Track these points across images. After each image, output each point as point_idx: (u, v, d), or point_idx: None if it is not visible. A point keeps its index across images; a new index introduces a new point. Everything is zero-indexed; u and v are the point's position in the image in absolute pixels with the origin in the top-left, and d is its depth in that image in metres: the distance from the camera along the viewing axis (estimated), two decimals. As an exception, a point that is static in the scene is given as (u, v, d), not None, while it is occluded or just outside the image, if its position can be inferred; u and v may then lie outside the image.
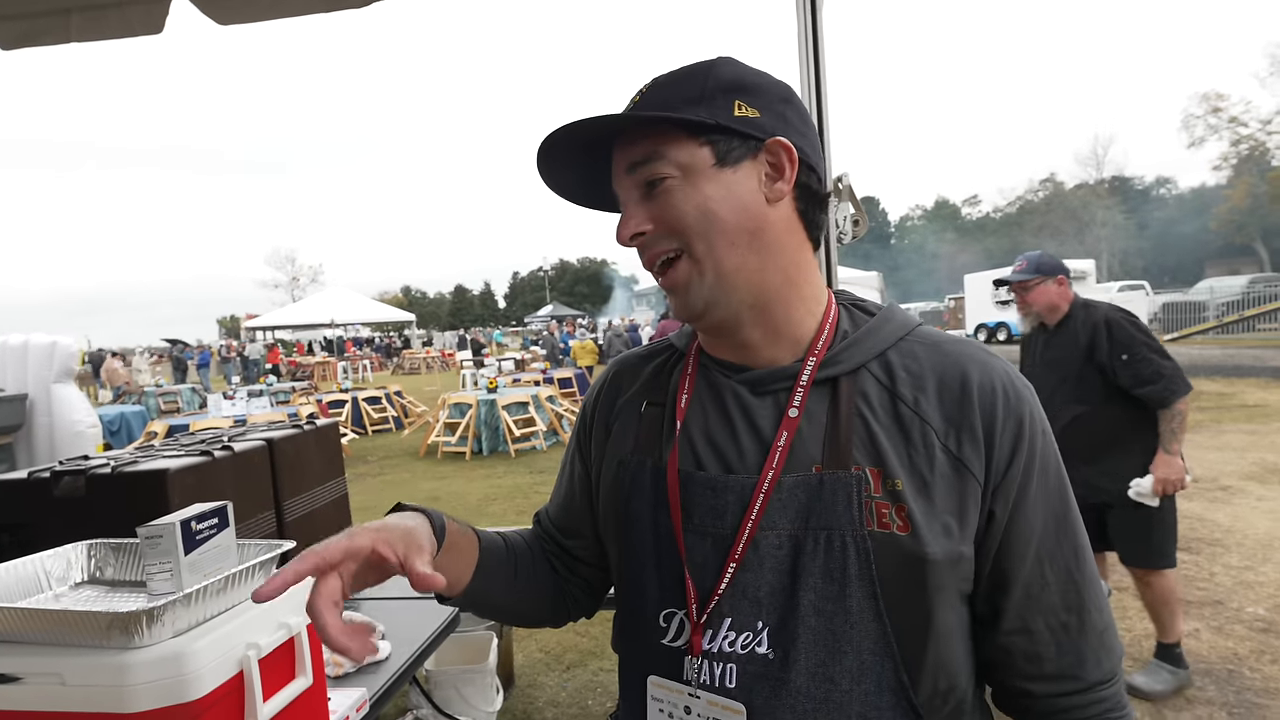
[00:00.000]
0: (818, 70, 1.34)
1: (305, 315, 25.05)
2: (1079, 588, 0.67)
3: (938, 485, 0.63)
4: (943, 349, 0.69)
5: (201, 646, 0.88)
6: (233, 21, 1.78)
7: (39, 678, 0.85)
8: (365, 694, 1.41)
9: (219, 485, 1.89)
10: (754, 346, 0.72)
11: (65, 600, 1.07)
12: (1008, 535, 0.65)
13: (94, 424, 3.91)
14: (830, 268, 1.32)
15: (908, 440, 0.65)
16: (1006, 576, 0.66)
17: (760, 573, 0.65)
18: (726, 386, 0.73)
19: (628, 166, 0.69)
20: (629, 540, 0.75)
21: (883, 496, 0.63)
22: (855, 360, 0.69)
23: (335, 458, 2.60)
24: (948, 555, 0.62)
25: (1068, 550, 0.67)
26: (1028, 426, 0.66)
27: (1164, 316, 20.87)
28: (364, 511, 6.11)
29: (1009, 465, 0.64)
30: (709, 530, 0.68)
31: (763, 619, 0.65)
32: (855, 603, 0.62)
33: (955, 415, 0.65)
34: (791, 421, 0.67)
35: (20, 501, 1.78)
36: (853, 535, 0.62)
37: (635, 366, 0.84)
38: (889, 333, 0.71)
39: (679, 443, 0.72)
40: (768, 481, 0.66)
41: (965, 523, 0.64)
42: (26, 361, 3.77)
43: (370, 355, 28.24)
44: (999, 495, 0.65)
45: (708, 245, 0.66)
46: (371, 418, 11.32)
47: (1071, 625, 0.66)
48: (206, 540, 0.97)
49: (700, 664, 0.67)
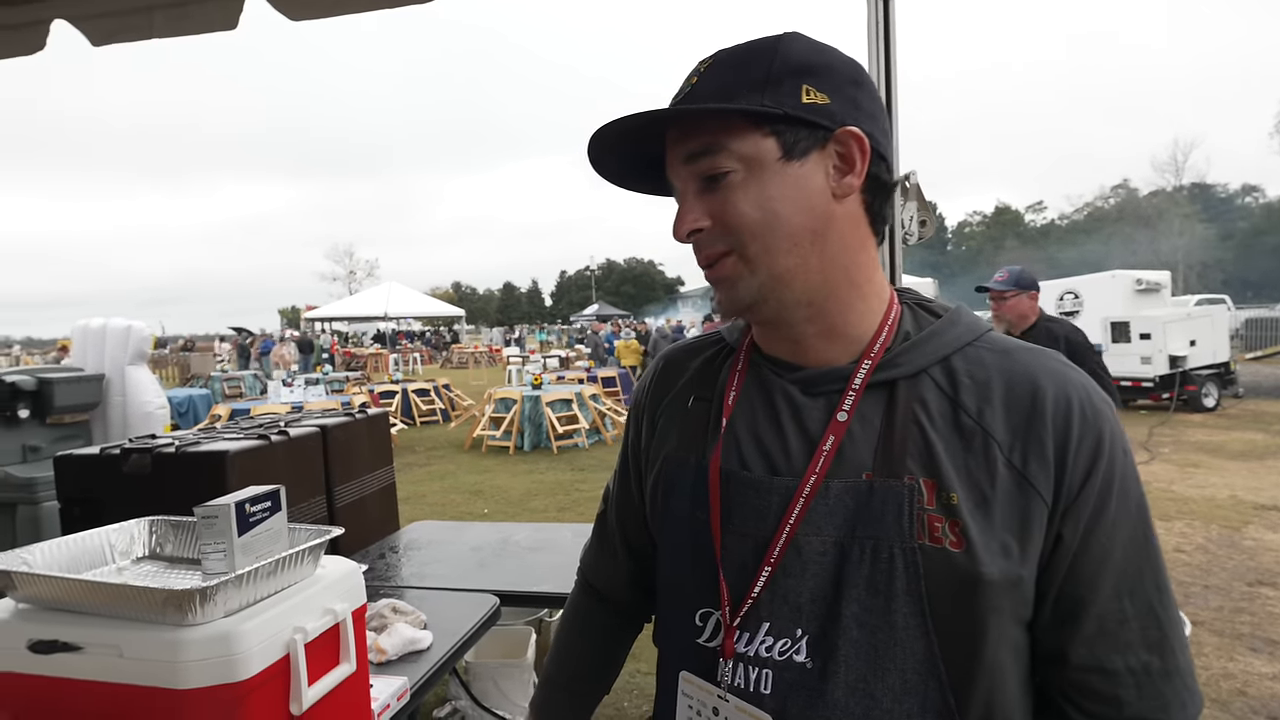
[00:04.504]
0: (888, 62, 1.29)
1: (361, 308, 25.84)
2: (1162, 624, 0.60)
3: (998, 502, 0.59)
4: (1014, 357, 0.64)
5: (251, 628, 0.89)
6: (303, 17, 1.83)
7: (98, 648, 0.88)
8: (406, 683, 1.42)
9: (274, 468, 1.95)
10: (808, 344, 0.68)
11: (127, 574, 1.10)
12: (1080, 561, 0.60)
13: (163, 405, 4.10)
14: (895, 268, 1.26)
15: (968, 452, 0.61)
16: (1078, 607, 0.60)
17: (802, 579, 0.62)
18: (777, 385, 0.69)
19: (685, 156, 0.65)
20: (667, 537, 0.74)
21: (936, 510, 0.59)
22: (916, 364, 0.64)
23: (385, 447, 2.65)
24: (1005, 576, 0.58)
25: (1149, 582, 0.61)
26: (1106, 445, 0.60)
27: (1246, 333, 19.63)
28: (411, 501, 6.25)
29: (1083, 486, 0.59)
30: (749, 531, 0.66)
31: (802, 626, 0.62)
32: (901, 618, 0.59)
33: (1023, 429, 0.60)
34: (840, 425, 0.64)
35: (92, 476, 1.87)
36: (901, 547, 0.59)
37: (683, 359, 0.82)
38: (955, 336, 0.66)
39: (724, 440, 0.70)
40: (810, 485, 0.63)
41: (1027, 544, 0.59)
42: (104, 344, 3.97)
43: (420, 348, 28.95)
44: (1069, 518, 0.59)
45: (763, 247, 0.63)
46: (420, 409, 11.58)
47: (1154, 666, 0.60)
48: (260, 523, 0.98)
49: (734, 667, 0.64)
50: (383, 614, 1.61)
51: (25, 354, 32.91)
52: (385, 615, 1.61)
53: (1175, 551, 4.56)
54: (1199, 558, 4.44)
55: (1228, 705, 2.81)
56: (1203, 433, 8.68)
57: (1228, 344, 11.31)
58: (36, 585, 0.93)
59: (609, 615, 0.93)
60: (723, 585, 0.66)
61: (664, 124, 0.66)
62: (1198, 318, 11.09)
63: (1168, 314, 11.21)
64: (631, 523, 0.87)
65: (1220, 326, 11.19)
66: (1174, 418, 9.72)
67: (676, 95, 0.66)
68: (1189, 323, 10.78)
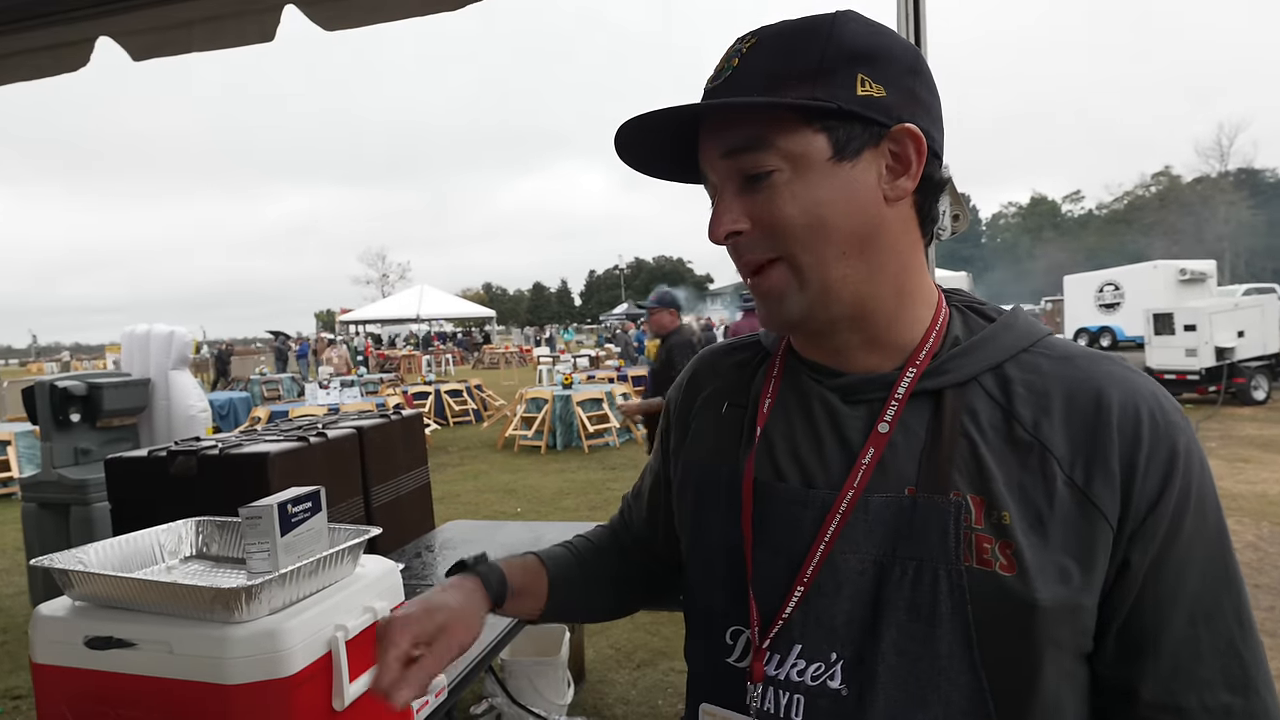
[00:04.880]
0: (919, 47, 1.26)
1: (394, 310, 26.28)
2: (1244, 661, 0.55)
3: (1055, 522, 0.54)
4: (1075, 363, 0.59)
5: (294, 625, 0.92)
6: (337, 27, 1.87)
7: (151, 645, 0.91)
8: (444, 680, 1.45)
9: (313, 469, 1.99)
10: (850, 352, 0.64)
11: (176, 573, 1.14)
12: (1150, 589, 0.55)
13: (205, 408, 4.22)
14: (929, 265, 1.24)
15: (1023, 468, 0.56)
16: (1147, 640, 0.55)
17: (837, 599, 0.58)
18: (815, 392, 0.65)
19: (725, 150, 0.59)
20: (697, 550, 0.71)
21: (985, 529, 0.55)
22: (966, 372, 0.60)
23: (419, 447, 2.69)
24: (1061, 603, 0.53)
25: (1230, 613, 0.55)
26: (1182, 460, 0.55)
27: (1297, 323, 18.91)
28: (445, 501, 6.34)
29: (1154, 506, 0.54)
30: (782, 547, 0.62)
31: (837, 650, 0.58)
32: (945, 646, 0.54)
33: (1085, 442, 0.55)
34: (881, 437, 0.60)
35: (141, 478, 1.94)
36: (946, 569, 0.54)
37: (717, 363, 0.78)
38: (1009, 342, 0.61)
39: (758, 450, 0.66)
40: (847, 500, 0.59)
41: (1090, 569, 0.54)
42: (149, 349, 4.11)
43: (452, 350, 29.32)
44: (1138, 540, 0.54)
45: (814, 257, 0.58)
46: (453, 410, 11.73)
47: (1235, 708, 0.54)
48: (301, 523, 1.01)
49: (764, 691, 0.60)
50: (419, 612, 1.64)
51: (75, 359, 34.16)
52: (422, 613, 1.64)
53: (1225, 550, 4.40)
54: (1250, 556, 4.28)
55: (1284, 710, 2.71)
56: (1253, 426, 8.36)
57: (1278, 334, 10.88)
58: (93, 584, 0.97)
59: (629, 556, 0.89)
60: (752, 603, 0.62)
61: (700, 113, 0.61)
62: (1246, 308, 10.70)
63: (1213, 304, 10.84)
64: (648, 526, 0.86)
65: (1270, 316, 10.76)
66: (1222, 411, 9.39)
67: (713, 78, 0.61)
68: (1236, 313, 10.39)
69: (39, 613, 0.97)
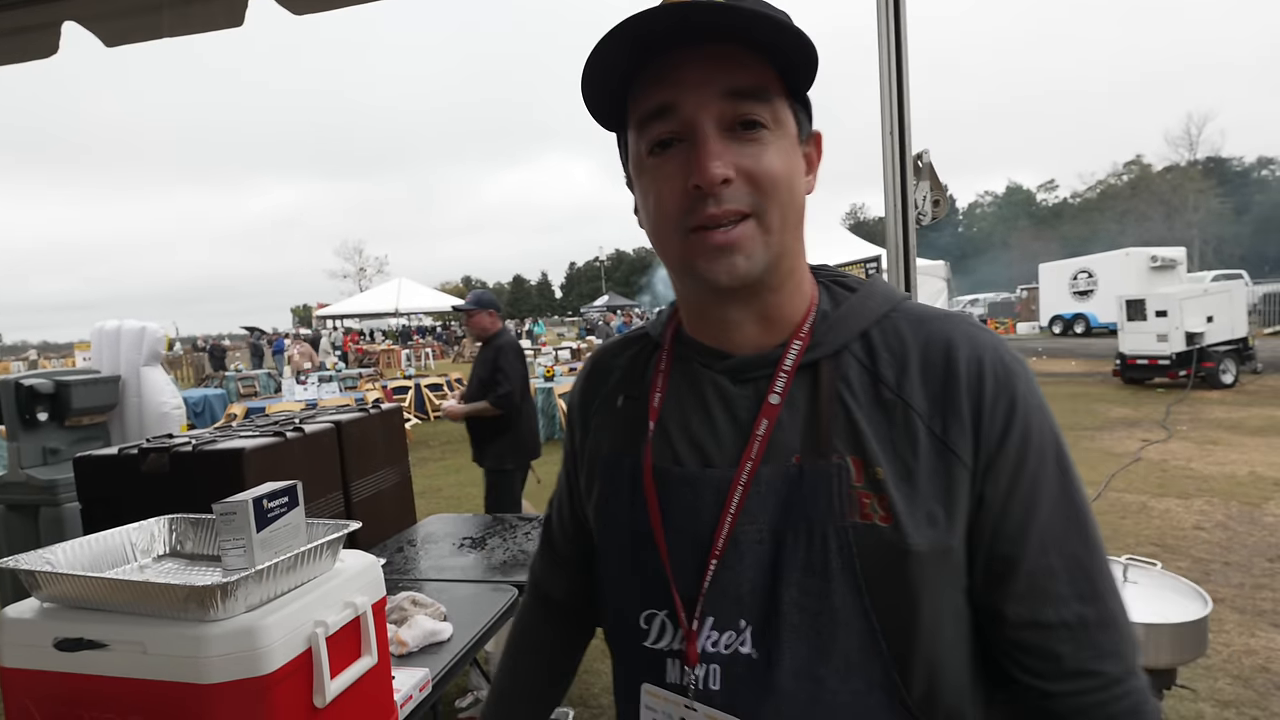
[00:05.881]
0: (899, 38, 1.26)
1: (372, 304, 25.95)
2: (1091, 576, 0.60)
3: (922, 472, 0.59)
4: (927, 325, 0.64)
5: (272, 622, 0.90)
6: (306, 11, 1.82)
7: (124, 645, 0.89)
8: (428, 674, 1.43)
9: (291, 465, 1.96)
10: (743, 327, 0.66)
11: (148, 572, 1.11)
12: (1004, 521, 0.60)
13: (178, 405, 4.13)
14: (909, 249, 1.24)
15: (891, 425, 0.60)
16: (1007, 566, 0.60)
17: (741, 570, 0.61)
18: (706, 377, 0.68)
19: (729, 90, 0.57)
20: (607, 542, 0.72)
21: (864, 486, 0.59)
22: (836, 342, 0.64)
23: (399, 441, 2.66)
24: (933, 546, 0.58)
25: (1074, 534, 0.60)
26: (1021, 401, 0.60)
27: (1264, 308, 19.36)
28: (426, 495, 6.29)
29: (1000, 446, 0.59)
30: (688, 529, 0.64)
31: (745, 617, 0.61)
32: (840, 599, 0.58)
33: (940, 395, 0.60)
34: (772, 409, 0.63)
35: (112, 476, 1.89)
36: (834, 528, 0.59)
37: (611, 358, 0.79)
38: (871, 310, 0.66)
39: (655, 438, 0.68)
40: (746, 474, 0.62)
41: (954, 511, 0.59)
42: (119, 345, 4.01)
43: (432, 343, 29.05)
44: (989, 478, 0.59)
45: (781, 220, 0.60)
46: (433, 404, 11.63)
47: (1089, 617, 0.59)
48: (278, 518, 0.99)
49: (684, 666, 0.63)
50: (403, 606, 1.62)
51: (42, 358, 33.36)
52: (405, 608, 1.62)
53: (1195, 529, 4.51)
54: (1219, 535, 4.40)
55: (1250, 682, 2.79)
56: (1221, 409, 8.58)
57: (1246, 319, 11.14)
58: (61, 584, 0.94)
59: (560, 624, 0.90)
60: (673, 588, 0.64)
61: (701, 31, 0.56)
62: (1215, 293, 10.92)
63: (1184, 290, 11.05)
64: (576, 529, 0.85)
65: (1238, 302, 11.00)
66: (1192, 395, 9.61)
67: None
68: (1206, 299, 10.62)
69: (5, 615, 0.95)
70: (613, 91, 0.62)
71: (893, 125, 1.74)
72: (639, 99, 0.60)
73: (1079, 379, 12.31)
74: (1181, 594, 2.40)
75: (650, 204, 0.62)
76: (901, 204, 1.63)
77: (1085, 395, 10.42)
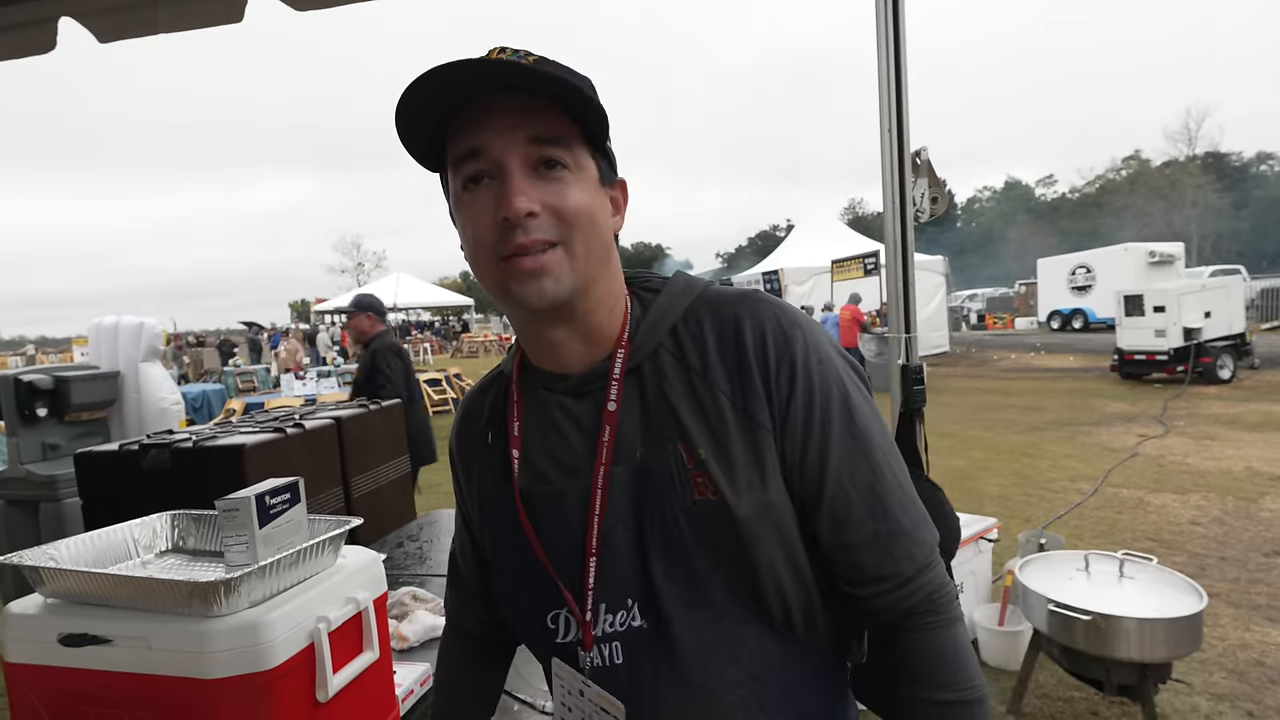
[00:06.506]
0: (897, 35, 1.26)
1: (370, 299, 25.90)
2: (881, 496, 0.69)
3: (735, 446, 0.68)
4: (719, 309, 0.72)
5: (275, 618, 0.91)
6: (308, 7, 1.82)
7: (128, 640, 0.89)
8: (429, 669, 1.44)
9: (291, 461, 1.96)
10: (570, 347, 0.73)
11: (151, 568, 1.12)
12: (806, 467, 0.68)
13: (177, 401, 4.14)
14: (906, 246, 1.25)
15: (704, 409, 0.69)
16: (815, 502, 0.69)
17: (617, 558, 0.70)
18: (551, 400, 0.75)
19: (532, 136, 0.64)
20: (500, 567, 0.80)
21: (694, 468, 0.68)
22: (650, 344, 0.72)
23: (399, 437, 2.66)
24: (755, 509, 0.67)
25: (863, 464, 0.69)
26: (800, 361, 0.68)
27: (1262, 304, 19.42)
28: (426, 490, 6.28)
29: (789, 402, 0.68)
30: (562, 538, 0.72)
31: (630, 596, 0.70)
32: (699, 564, 0.68)
33: (735, 371, 0.69)
34: (612, 415, 0.71)
35: (112, 472, 1.89)
36: (681, 510, 0.68)
37: (477, 402, 0.86)
38: (675, 307, 0.73)
39: (520, 466, 0.76)
40: (601, 477, 0.70)
41: (766, 473, 0.68)
42: (118, 341, 4.01)
43: (430, 339, 29.03)
44: (786, 435, 0.68)
45: (585, 249, 0.67)
46: (432, 399, 11.62)
47: (881, 530, 0.69)
48: (280, 514, 0.99)
49: (590, 653, 0.72)
50: (403, 602, 1.63)
51: (40, 353, 33.30)
52: (406, 603, 1.63)
53: (1191, 524, 4.53)
54: (1215, 530, 4.42)
55: (1244, 675, 2.81)
56: (1218, 405, 8.60)
57: (1243, 315, 11.16)
58: (65, 580, 0.95)
59: (481, 652, 0.96)
60: (563, 591, 0.73)
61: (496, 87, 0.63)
62: (1212, 289, 10.95)
63: (1182, 286, 11.07)
64: (478, 563, 0.89)
65: (1235, 297, 11.02)
66: (1189, 390, 9.64)
67: (518, 53, 0.64)
68: (1203, 294, 10.64)
69: (10, 611, 0.95)
70: (431, 135, 0.68)
71: (891, 124, 1.74)
72: (454, 142, 0.67)
73: (1077, 374, 12.33)
74: (1177, 589, 2.42)
75: (469, 235, 0.68)
76: (900, 201, 1.63)
77: (1083, 390, 10.44)
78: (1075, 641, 2.33)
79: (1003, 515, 4.37)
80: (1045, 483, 5.66)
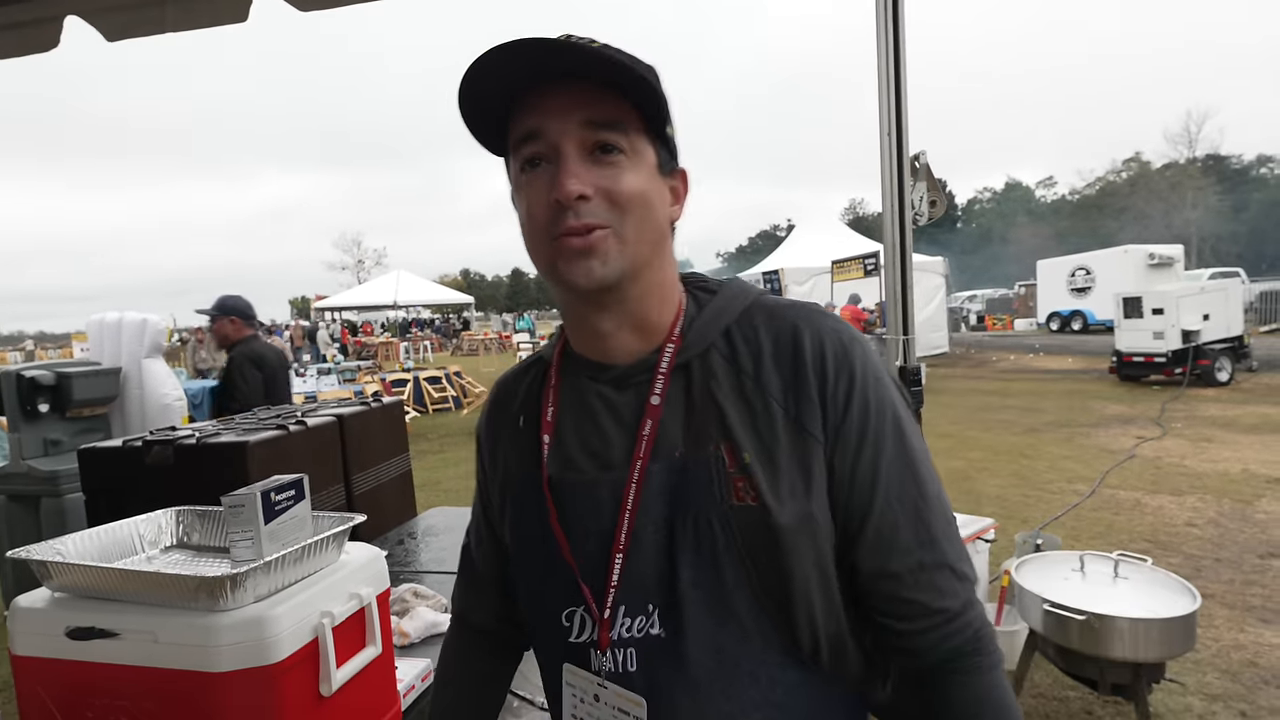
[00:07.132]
0: (897, 36, 1.28)
1: (370, 297, 25.90)
2: (929, 525, 0.67)
3: (782, 453, 0.66)
4: (776, 316, 0.71)
5: (281, 612, 0.92)
6: (312, 8, 1.83)
7: (135, 634, 0.91)
8: (430, 664, 1.46)
9: (293, 458, 1.97)
10: (619, 338, 0.72)
11: (157, 563, 1.13)
12: (856, 483, 0.67)
13: (180, 397, 4.15)
14: (905, 250, 1.26)
15: (753, 413, 0.68)
16: (860, 524, 0.67)
17: (643, 559, 0.68)
18: (591, 389, 0.74)
19: (587, 120, 0.65)
20: (522, 555, 0.78)
21: (736, 471, 0.66)
22: (702, 343, 0.71)
23: (400, 435, 2.67)
24: (796, 519, 0.65)
25: (912, 489, 0.67)
26: (859, 376, 0.67)
27: (1260, 306, 19.41)
28: (426, 488, 6.31)
29: (844, 418, 0.66)
30: (591, 530, 0.70)
31: (652, 601, 0.68)
32: (729, 574, 0.66)
33: (791, 380, 0.68)
34: (655, 409, 0.70)
35: (116, 468, 1.91)
36: (717, 513, 0.66)
37: (512, 385, 0.85)
38: (728, 308, 0.73)
39: (550, 451, 0.75)
40: (638, 471, 0.68)
41: (812, 484, 0.66)
42: (121, 337, 4.02)
43: (431, 336, 29.03)
44: (838, 449, 0.67)
45: (636, 235, 0.66)
46: (432, 397, 11.64)
47: (926, 561, 0.67)
48: (285, 511, 1.01)
49: (605, 655, 0.70)
50: (405, 598, 1.65)
51: (39, 348, 33.27)
52: (407, 599, 1.64)
53: (1187, 526, 4.55)
54: (1211, 531, 4.44)
55: (1238, 676, 2.83)
56: (1216, 407, 8.62)
57: (1242, 318, 11.17)
58: (73, 574, 0.96)
59: (487, 652, 0.94)
60: (582, 585, 0.70)
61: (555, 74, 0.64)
62: (1211, 291, 10.96)
63: (1180, 288, 11.08)
64: (494, 550, 0.88)
65: (1234, 300, 11.03)
66: (1187, 393, 9.65)
67: (581, 40, 0.64)
68: (1202, 297, 10.65)
69: (17, 604, 0.97)
70: (499, 118, 0.68)
71: (890, 128, 1.75)
72: (515, 125, 0.67)
73: (1075, 376, 12.35)
74: (1172, 590, 2.43)
75: (524, 216, 0.69)
76: (899, 204, 1.65)
77: (1081, 392, 10.46)
78: (1070, 641, 2.35)
79: (1000, 516, 4.39)
80: (1043, 484, 5.68)
